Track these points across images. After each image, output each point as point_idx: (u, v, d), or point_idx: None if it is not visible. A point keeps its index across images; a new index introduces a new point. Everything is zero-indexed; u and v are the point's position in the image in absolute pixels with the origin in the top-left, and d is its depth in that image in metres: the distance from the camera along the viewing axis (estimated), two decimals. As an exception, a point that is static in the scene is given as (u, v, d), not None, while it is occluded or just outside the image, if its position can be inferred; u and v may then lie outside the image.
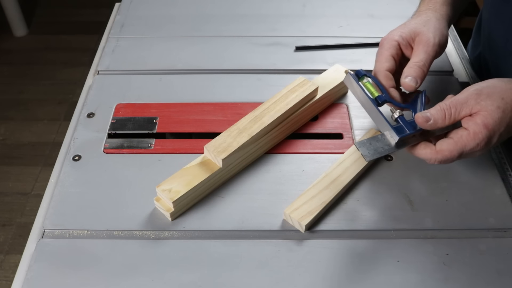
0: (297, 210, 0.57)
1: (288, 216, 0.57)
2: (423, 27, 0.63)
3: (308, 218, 0.57)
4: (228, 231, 0.58)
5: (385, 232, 0.57)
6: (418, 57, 0.61)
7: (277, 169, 0.64)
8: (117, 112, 0.72)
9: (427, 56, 0.61)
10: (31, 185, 1.65)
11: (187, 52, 0.84)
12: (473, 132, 0.52)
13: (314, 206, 0.58)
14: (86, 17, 2.39)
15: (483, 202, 0.60)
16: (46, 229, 0.58)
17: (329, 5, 0.95)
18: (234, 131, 0.62)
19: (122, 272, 0.53)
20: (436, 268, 0.54)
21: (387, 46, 0.63)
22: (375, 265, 0.54)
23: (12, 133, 1.84)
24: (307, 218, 0.57)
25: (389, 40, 0.63)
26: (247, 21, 0.91)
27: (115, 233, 0.57)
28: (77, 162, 0.65)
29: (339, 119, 0.71)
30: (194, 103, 0.74)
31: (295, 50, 0.83)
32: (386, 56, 0.62)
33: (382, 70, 0.62)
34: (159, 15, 0.92)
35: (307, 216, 0.57)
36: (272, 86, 0.76)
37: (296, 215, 0.57)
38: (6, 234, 1.52)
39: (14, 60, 2.17)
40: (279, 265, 0.54)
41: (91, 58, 0.84)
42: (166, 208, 0.57)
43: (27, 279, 0.53)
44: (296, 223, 0.57)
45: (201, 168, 0.60)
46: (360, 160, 0.63)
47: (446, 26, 0.66)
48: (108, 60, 0.82)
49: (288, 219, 0.58)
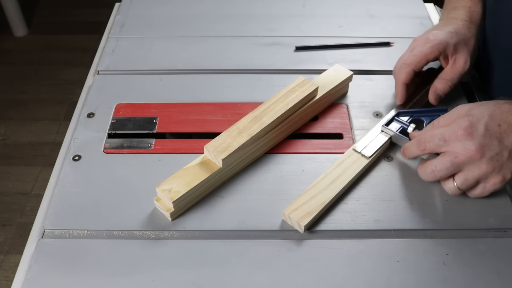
0: (296, 211, 0.57)
1: (287, 217, 0.57)
2: (465, 45, 0.68)
3: (308, 218, 0.56)
4: (228, 231, 0.58)
5: (385, 232, 0.57)
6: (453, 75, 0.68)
7: (277, 169, 0.64)
8: (117, 112, 0.72)
9: (459, 76, 0.69)
10: (31, 185, 1.65)
11: (187, 52, 0.84)
12: (451, 112, 0.59)
13: (314, 207, 0.58)
14: (86, 17, 2.39)
15: (483, 202, 0.60)
16: (46, 229, 0.58)
17: (329, 5, 0.95)
18: (234, 131, 0.62)
19: (122, 272, 0.53)
20: (436, 268, 0.54)
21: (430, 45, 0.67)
22: (375, 265, 0.54)
23: (12, 133, 1.84)
24: (306, 218, 0.57)
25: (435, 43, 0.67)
26: (247, 21, 0.91)
27: (115, 233, 0.57)
28: (77, 162, 0.65)
29: (339, 119, 0.71)
30: (194, 103, 0.74)
31: (295, 50, 0.83)
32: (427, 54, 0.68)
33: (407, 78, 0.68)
34: (159, 15, 0.92)
35: (306, 216, 0.57)
36: (272, 86, 0.76)
37: (295, 215, 0.57)
38: (6, 234, 1.52)
39: (14, 60, 2.17)
40: (279, 265, 0.54)
41: (91, 58, 0.84)
42: (166, 208, 0.57)
43: (27, 279, 0.53)
44: (295, 224, 0.57)
45: (201, 168, 0.60)
46: (360, 160, 0.63)
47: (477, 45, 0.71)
48: (108, 60, 0.82)
49: (287, 220, 0.58)
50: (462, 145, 0.55)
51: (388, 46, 0.83)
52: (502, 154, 0.55)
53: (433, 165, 0.57)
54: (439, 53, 0.68)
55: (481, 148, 0.54)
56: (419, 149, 0.59)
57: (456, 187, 0.57)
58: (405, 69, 0.69)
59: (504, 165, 0.55)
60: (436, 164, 0.57)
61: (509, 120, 0.55)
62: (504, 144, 0.55)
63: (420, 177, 0.60)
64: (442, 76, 0.69)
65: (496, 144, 0.54)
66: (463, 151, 0.55)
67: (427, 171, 0.58)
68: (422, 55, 0.68)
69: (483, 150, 0.54)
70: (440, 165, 0.57)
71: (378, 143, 0.64)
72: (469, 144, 0.54)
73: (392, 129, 0.66)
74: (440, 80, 0.69)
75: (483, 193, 0.57)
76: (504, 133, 0.55)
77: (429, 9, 0.94)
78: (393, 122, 0.67)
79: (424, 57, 0.68)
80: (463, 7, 0.72)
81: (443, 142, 0.56)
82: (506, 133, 0.55)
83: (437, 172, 0.57)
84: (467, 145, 0.54)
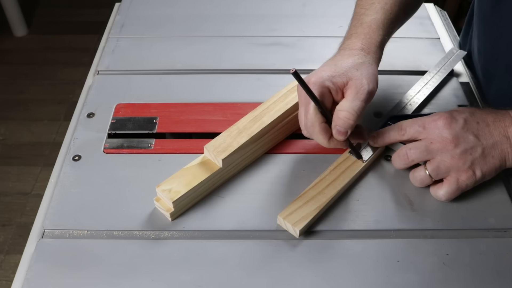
0: (291, 215, 0.56)
1: (282, 221, 0.57)
2: (356, 71, 0.58)
3: (303, 223, 0.56)
4: (228, 231, 0.58)
5: (385, 232, 0.57)
6: (351, 104, 0.56)
7: (277, 169, 0.64)
8: (117, 112, 0.72)
9: (360, 103, 0.57)
10: (31, 185, 1.65)
11: (187, 52, 0.84)
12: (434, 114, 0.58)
13: (309, 211, 0.57)
14: (86, 17, 2.39)
15: (483, 202, 0.60)
16: (46, 229, 0.58)
17: (329, 5, 0.95)
18: (233, 131, 0.62)
19: (122, 272, 0.53)
20: (436, 268, 0.54)
21: (316, 93, 0.56)
22: (375, 265, 0.54)
23: (12, 133, 1.84)
24: (301, 223, 0.56)
25: (319, 85, 0.57)
26: (247, 21, 0.91)
27: (115, 233, 0.57)
28: (77, 162, 0.65)
29: (339, 119, 0.71)
30: (194, 103, 0.74)
31: None
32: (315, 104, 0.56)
33: (317, 125, 0.57)
34: (159, 15, 0.92)
35: (301, 221, 0.56)
36: (272, 86, 0.76)
37: (290, 220, 0.56)
38: (6, 234, 1.52)
39: (14, 60, 2.17)
40: (279, 265, 0.54)
41: (91, 58, 0.84)
42: (166, 208, 0.57)
43: (27, 279, 0.53)
44: (290, 228, 0.56)
45: (201, 168, 0.60)
46: (356, 164, 0.62)
47: (377, 69, 0.60)
48: (108, 60, 0.82)
49: (282, 224, 0.57)
50: (439, 133, 0.56)
51: None
52: (476, 149, 0.56)
53: (408, 147, 0.58)
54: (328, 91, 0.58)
55: (456, 138, 0.56)
56: (399, 134, 0.60)
57: (427, 175, 0.58)
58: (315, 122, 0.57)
59: (475, 162, 0.56)
60: (411, 147, 0.58)
61: (487, 120, 0.57)
62: (480, 141, 0.56)
63: (393, 165, 0.61)
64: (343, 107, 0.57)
65: (472, 138, 0.56)
66: (439, 138, 0.56)
67: (400, 153, 0.59)
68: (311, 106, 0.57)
69: (459, 141, 0.56)
70: (414, 148, 0.58)
71: (373, 147, 0.64)
72: (446, 132, 0.56)
73: None
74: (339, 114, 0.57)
75: (451, 189, 0.57)
76: (481, 131, 0.57)
77: (429, 9, 0.94)
78: None
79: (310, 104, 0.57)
80: (357, 35, 0.63)
81: (422, 129, 0.58)
82: (483, 131, 0.57)
83: (410, 154, 0.58)
84: (444, 133, 0.56)
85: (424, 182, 0.59)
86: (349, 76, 0.58)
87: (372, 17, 0.63)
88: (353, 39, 0.62)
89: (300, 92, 0.59)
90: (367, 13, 0.64)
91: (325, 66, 0.60)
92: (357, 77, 0.57)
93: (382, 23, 0.63)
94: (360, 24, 0.64)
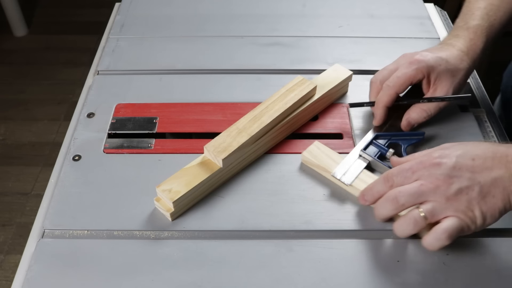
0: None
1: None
2: (451, 76, 0.65)
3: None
4: (228, 231, 0.58)
5: (385, 232, 0.57)
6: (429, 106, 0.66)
7: (277, 169, 0.64)
8: (117, 112, 0.72)
9: (436, 109, 0.66)
10: (31, 185, 1.65)
11: (187, 52, 0.84)
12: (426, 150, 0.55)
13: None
14: (86, 17, 2.39)
15: (483, 202, 0.60)
16: (46, 229, 0.58)
17: (329, 5, 0.95)
18: (233, 131, 0.62)
19: (122, 272, 0.53)
20: (436, 268, 0.54)
21: (415, 67, 0.64)
22: (375, 265, 0.54)
23: (12, 133, 1.84)
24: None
25: (422, 64, 0.64)
26: (247, 21, 0.91)
27: (115, 233, 0.57)
28: (77, 162, 0.65)
29: (339, 119, 0.71)
30: (194, 103, 0.74)
31: None
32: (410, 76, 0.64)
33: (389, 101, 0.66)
34: (159, 15, 0.92)
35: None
36: (272, 86, 0.76)
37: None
38: (6, 234, 1.52)
39: (14, 60, 2.17)
40: (279, 265, 0.54)
41: (91, 58, 0.84)
42: (166, 208, 0.57)
43: (27, 279, 0.53)
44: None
45: (201, 168, 0.60)
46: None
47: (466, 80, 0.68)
48: (108, 60, 0.82)
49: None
50: (429, 173, 0.51)
51: None
52: (473, 188, 0.50)
53: (398, 190, 0.52)
54: (423, 76, 0.65)
55: (449, 178, 0.50)
56: (386, 186, 0.54)
57: (422, 217, 0.51)
58: (388, 92, 0.65)
59: (473, 202, 0.50)
60: (401, 190, 0.52)
61: (485, 155, 0.51)
62: (477, 179, 0.50)
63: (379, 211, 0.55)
64: (420, 105, 0.66)
65: (467, 176, 0.50)
66: (430, 179, 0.51)
67: (389, 197, 0.53)
68: (406, 77, 0.64)
69: (452, 180, 0.50)
70: (404, 190, 0.52)
71: (357, 170, 0.62)
72: (436, 173, 0.51)
73: (370, 154, 0.63)
74: (416, 109, 0.66)
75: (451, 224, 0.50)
76: (477, 168, 0.50)
77: (429, 9, 0.94)
78: (371, 146, 0.65)
79: (408, 80, 0.65)
80: (464, 37, 0.68)
81: (411, 174, 0.52)
82: (480, 168, 0.50)
83: (400, 197, 0.51)
84: (435, 174, 0.51)
85: (418, 224, 0.51)
86: (442, 78, 0.65)
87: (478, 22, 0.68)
88: (460, 39, 0.68)
89: None
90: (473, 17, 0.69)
91: (435, 54, 0.65)
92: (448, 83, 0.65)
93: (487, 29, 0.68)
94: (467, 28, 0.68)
